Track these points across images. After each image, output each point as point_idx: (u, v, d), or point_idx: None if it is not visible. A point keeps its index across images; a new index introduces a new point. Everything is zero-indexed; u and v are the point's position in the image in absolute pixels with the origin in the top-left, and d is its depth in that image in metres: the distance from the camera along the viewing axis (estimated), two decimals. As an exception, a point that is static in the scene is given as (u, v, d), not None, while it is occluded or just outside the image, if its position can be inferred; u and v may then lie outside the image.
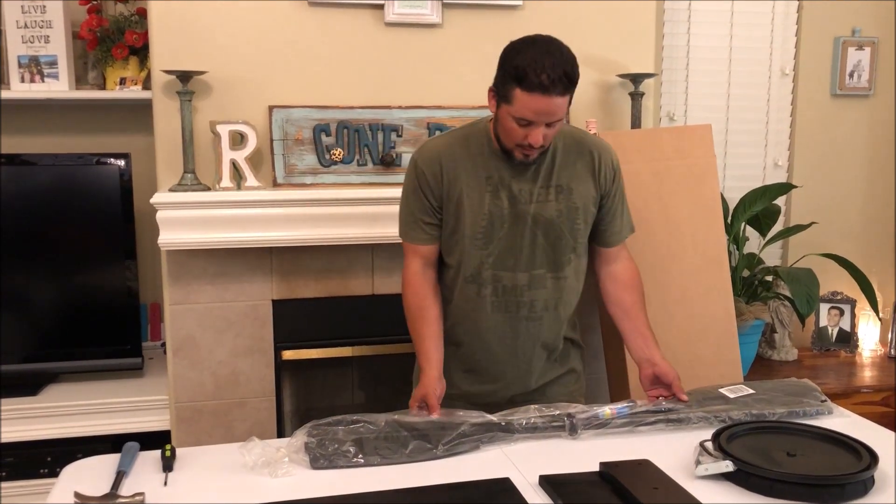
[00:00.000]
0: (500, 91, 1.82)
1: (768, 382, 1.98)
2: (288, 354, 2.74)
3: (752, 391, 1.89)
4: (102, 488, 1.48)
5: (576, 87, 1.80)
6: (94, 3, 2.95)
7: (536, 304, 1.97)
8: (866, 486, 1.45)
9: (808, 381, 1.97)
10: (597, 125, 2.76)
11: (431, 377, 1.91)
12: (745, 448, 1.57)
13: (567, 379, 2.13)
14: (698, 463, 1.54)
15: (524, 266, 1.94)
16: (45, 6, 2.85)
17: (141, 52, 2.93)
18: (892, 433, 1.75)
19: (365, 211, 2.57)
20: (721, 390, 1.91)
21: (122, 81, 2.93)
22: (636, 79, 2.79)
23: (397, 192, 2.54)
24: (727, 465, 1.50)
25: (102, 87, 3.00)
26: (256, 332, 2.70)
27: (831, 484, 1.43)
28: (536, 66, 1.73)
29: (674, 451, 1.65)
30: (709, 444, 1.58)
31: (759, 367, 3.25)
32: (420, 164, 1.98)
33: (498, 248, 1.93)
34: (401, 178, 2.65)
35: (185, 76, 2.46)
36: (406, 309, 2.03)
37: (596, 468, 1.54)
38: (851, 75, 3.52)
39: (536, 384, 2.06)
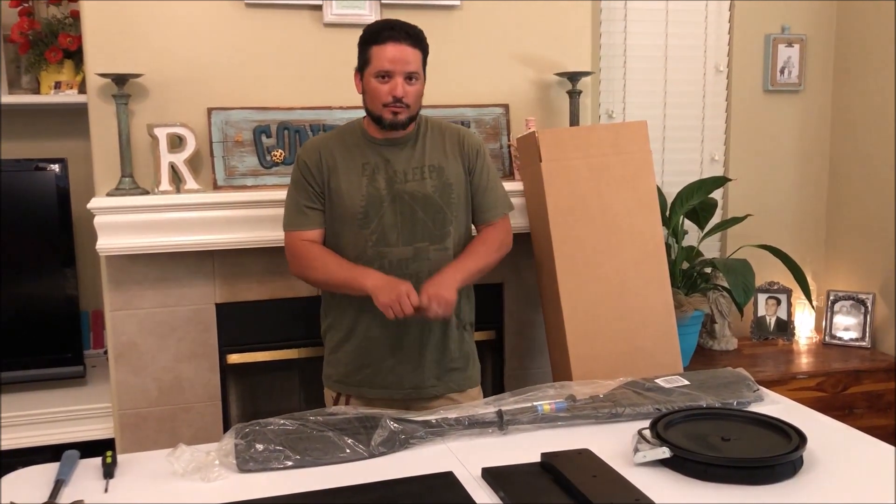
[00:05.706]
0: (360, 63, 2.08)
1: (703, 373, 2.03)
2: (233, 358, 2.73)
3: (687, 382, 1.95)
4: (41, 498, 1.46)
5: (426, 49, 2.08)
6: (26, 5, 2.89)
7: (421, 276, 2.09)
8: (795, 466, 1.51)
9: (741, 371, 2.02)
10: (536, 123, 2.80)
11: (384, 277, 2.02)
12: (681, 435, 1.61)
13: (466, 367, 2.25)
14: (636, 450, 1.57)
15: (406, 240, 2.12)
16: (-28, 9, 2.79)
17: (76, 55, 2.88)
18: (821, 415, 1.82)
19: (307, 212, 2.56)
20: (657, 381, 1.96)
21: (58, 85, 2.88)
22: (573, 77, 2.83)
23: (339, 192, 2.56)
24: (664, 452, 1.54)
25: (37, 91, 2.94)
26: (200, 337, 2.67)
27: (762, 466, 1.48)
28: (384, 24, 2.06)
29: (613, 439, 1.68)
30: (647, 432, 1.62)
31: (700, 358, 3.32)
32: (302, 157, 2.16)
33: (380, 227, 2.10)
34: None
35: (120, 79, 2.43)
36: (309, 261, 2.12)
37: (538, 459, 1.57)
38: (782, 71, 3.62)
39: (431, 370, 2.17)
